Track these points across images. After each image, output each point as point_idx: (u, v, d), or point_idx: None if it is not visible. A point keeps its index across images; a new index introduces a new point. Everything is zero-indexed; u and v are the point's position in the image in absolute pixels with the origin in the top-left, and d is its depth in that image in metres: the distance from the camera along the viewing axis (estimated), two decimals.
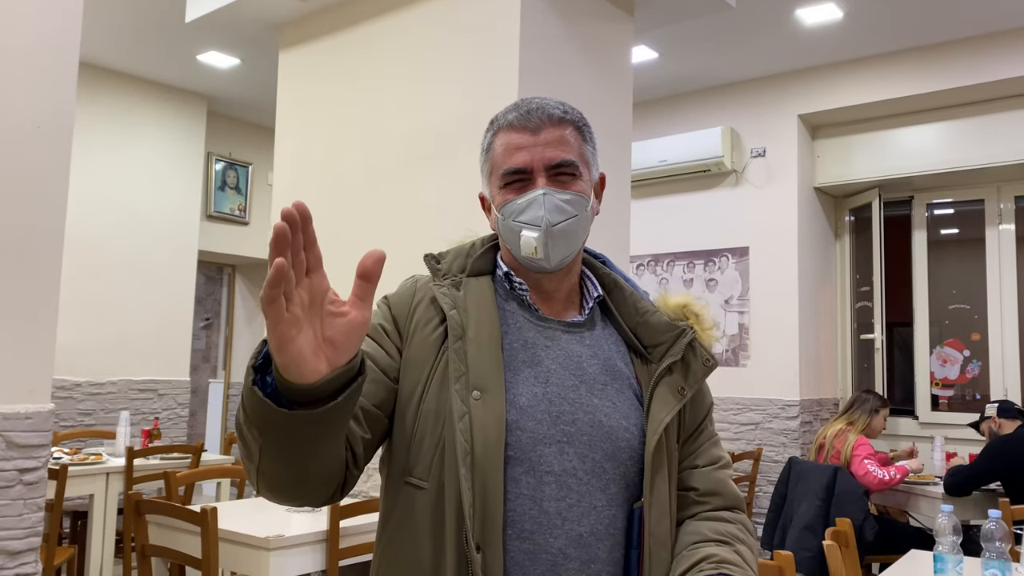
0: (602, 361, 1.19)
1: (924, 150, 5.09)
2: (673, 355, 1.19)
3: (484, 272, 1.24)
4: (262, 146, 6.63)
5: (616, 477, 1.13)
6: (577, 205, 1.17)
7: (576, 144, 1.19)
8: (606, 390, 1.16)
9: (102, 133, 5.51)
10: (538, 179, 1.16)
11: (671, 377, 1.19)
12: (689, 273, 5.57)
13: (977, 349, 5.26)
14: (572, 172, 1.18)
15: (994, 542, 2.08)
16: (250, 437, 0.95)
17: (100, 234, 5.45)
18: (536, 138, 1.17)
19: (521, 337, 1.17)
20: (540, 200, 1.15)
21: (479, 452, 1.06)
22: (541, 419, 1.11)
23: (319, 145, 4.00)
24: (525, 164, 1.16)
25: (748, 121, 5.40)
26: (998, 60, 4.58)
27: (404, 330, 1.18)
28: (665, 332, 1.21)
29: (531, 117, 1.18)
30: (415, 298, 1.21)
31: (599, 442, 1.12)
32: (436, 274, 1.22)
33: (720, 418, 5.32)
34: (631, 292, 1.26)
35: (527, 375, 1.13)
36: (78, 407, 5.26)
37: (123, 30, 4.91)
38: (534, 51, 3.30)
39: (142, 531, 2.63)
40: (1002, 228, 5.19)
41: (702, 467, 1.22)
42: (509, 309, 1.20)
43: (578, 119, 1.21)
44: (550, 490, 1.08)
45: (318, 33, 4.07)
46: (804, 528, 3.98)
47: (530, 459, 1.09)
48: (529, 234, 1.15)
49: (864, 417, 4.35)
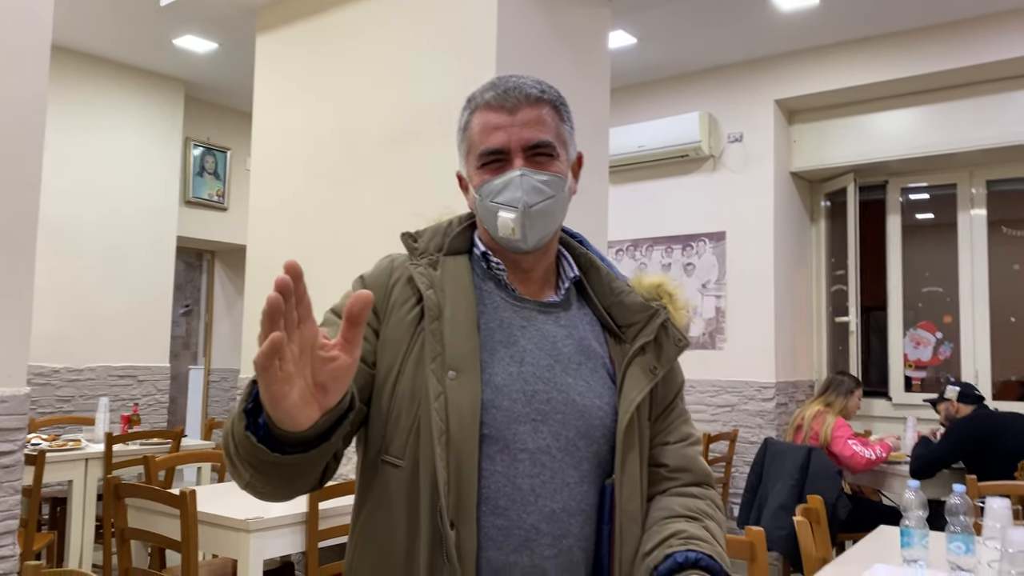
0: (576, 341, 1.20)
1: (899, 135, 5.15)
2: (646, 335, 1.21)
3: (461, 251, 1.24)
4: (241, 131, 6.59)
5: (589, 455, 1.15)
6: (554, 186, 1.18)
7: (553, 124, 1.20)
8: (580, 370, 1.18)
9: (77, 118, 5.46)
10: (515, 159, 1.16)
11: (643, 357, 1.20)
12: (667, 258, 5.61)
13: (949, 331, 5.34)
14: (549, 152, 1.18)
15: (958, 516, 2.13)
16: (240, 468, 0.99)
17: (78, 220, 5.41)
18: (513, 118, 1.17)
19: (497, 317, 1.18)
20: (517, 181, 1.15)
21: (454, 431, 1.08)
22: (516, 398, 1.12)
23: (297, 129, 3.99)
24: (502, 144, 1.16)
25: (725, 106, 5.43)
26: (972, 46, 4.63)
27: (381, 310, 1.18)
28: (639, 312, 1.23)
29: (508, 96, 1.17)
30: (392, 278, 1.21)
31: (572, 420, 1.14)
32: (413, 253, 1.22)
33: (697, 400, 5.38)
34: (606, 272, 1.27)
35: (503, 355, 1.15)
36: (57, 394, 5.24)
37: (97, 14, 4.86)
38: (511, 35, 3.31)
39: (121, 515, 2.64)
40: (974, 213, 5.26)
41: (672, 444, 1.23)
42: (486, 289, 1.21)
43: (555, 98, 1.21)
44: (524, 467, 1.10)
45: (295, 17, 4.06)
46: (779, 508, 4.04)
47: (505, 437, 1.11)
48: (506, 215, 1.15)
49: (840, 399, 4.42)
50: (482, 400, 1.11)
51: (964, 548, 2.10)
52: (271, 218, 4.07)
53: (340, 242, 3.71)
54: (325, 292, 1.25)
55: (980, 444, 3.86)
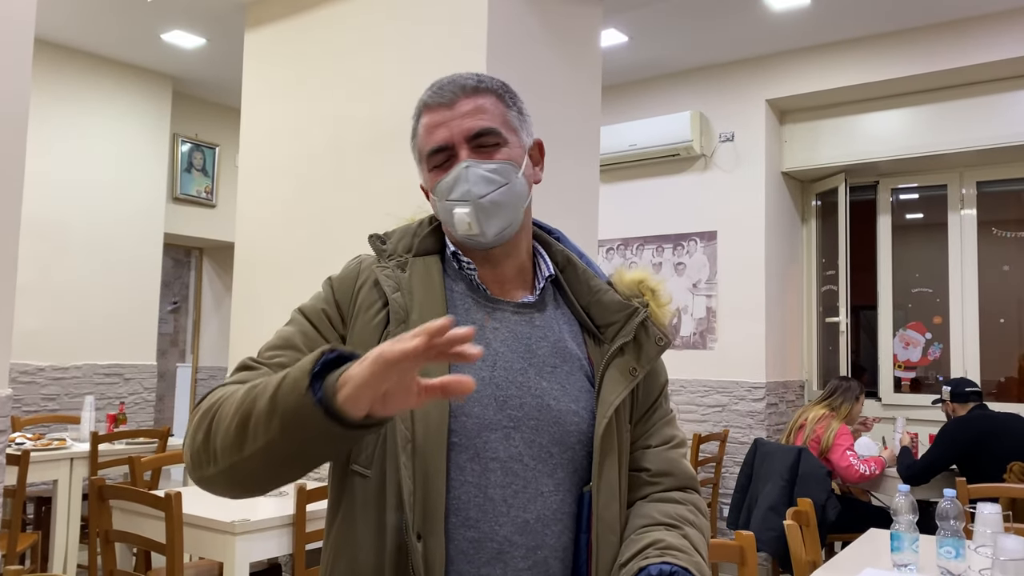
0: (552, 343, 1.16)
1: (889, 136, 5.15)
2: (624, 335, 1.17)
3: (432, 251, 1.21)
4: (229, 127, 6.54)
5: (564, 462, 1.11)
6: (504, 173, 1.13)
7: (497, 111, 1.16)
8: (556, 373, 1.14)
9: (63, 113, 5.41)
10: (460, 152, 1.13)
11: (623, 358, 1.16)
12: (658, 257, 5.60)
13: (939, 332, 5.35)
14: (495, 141, 1.14)
15: (948, 520, 2.13)
16: (255, 431, 0.92)
17: (64, 217, 5.36)
18: (452, 111, 1.14)
19: (468, 319, 1.15)
20: (464, 174, 1.11)
21: (420, 440, 1.05)
22: (487, 404, 1.09)
23: (286, 126, 3.96)
24: (445, 140, 1.13)
25: (717, 106, 5.42)
26: (962, 47, 4.63)
27: (347, 313, 1.16)
28: (617, 311, 1.19)
29: (443, 92, 1.15)
30: (358, 280, 1.18)
31: (547, 427, 1.11)
32: (381, 255, 1.19)
33: (687, 400, 5.37)
34: (584, 269, 1.23)
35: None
36: (41, 392, 5.19)
37: (84, 7, 4.81)
38: (502, 33, 3.29)
39: (106, 516, 2.61)
40: (964, 213, 5.27)
41: (654, 447, 1.20)
42: (457, 290, 1.18)
43: (497, 87, 1.18)
44: (495, 476, 1.07)
45: (284, 13, 4.02)
46: (769, 508, 4.04)
47: (475, 445, 1.07)
48: (460, 211, 1.11)
49: (847, 405, 4.42)
50: (451, 407, 1.07)
51: (954, 553, 2.10)
52: (259, 215, 4.03)
53: (328, 239, 3.68)
54: (314, 289, 1.23)
55: (973, 446, 3.85)
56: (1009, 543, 1.64)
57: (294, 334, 1.14)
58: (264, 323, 3.91)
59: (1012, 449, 3.74)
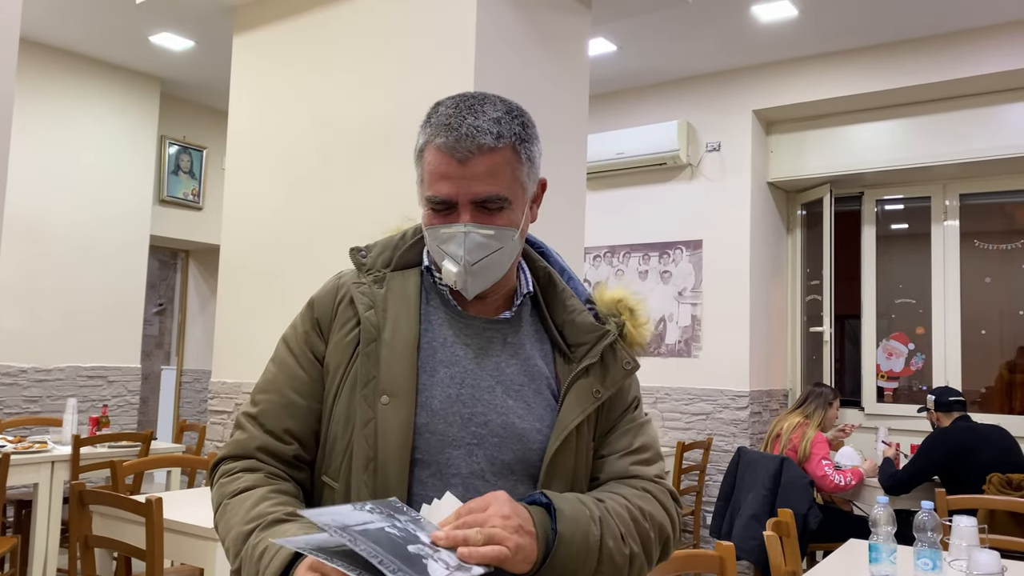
0: (522, 361, 1.17)
1: (874, 147, 5.20)
2: (590, 357, 1.17)
3: (412, 264, 1.22)
4: (217, 130, 6.52)
5: (524, 478, 1.13)
6: (501, 238, 1.13)
7: (508, 171, 1.12)
8: (523, 391, 1.15)
9: (50, 114, 5.38)
10: (463, 213, 1.11)
11: (586, 380, 1.17)
12: (644, 265, 5.62)
13: (921, 343, 5.40)
14: (499, 206, 1.12)
15: (926, 532, 2.15)
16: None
17: (48, 218, 5.33)
18: (464, 169, 1.09)
19: (440, 335, 1.17)
20: (461, 238, 1.11)
21: (381, 457, 1.08)
22: (452, 421, 1.11)
23: (273, 130, 3.95)
24: (449, 196, 1.11)
25: (704, 115, 5.45)
26: (948, 61, 4.68)
27: (326, 332, 1.19)
28: (588, 332, 1.19)
29: (459, 147, 1.09)
30: (337, 297, 1.21)
31: (510, 444, 1.12)
32: (360, 269, 1.21)
33: (672, 408, 5.39)
34: (563, 288, 1.23)
35: (443, 376, 1.13)
36: (24, 394, 5.15)
37: (72, 8, 4.79)
38: (490, 40, 3.30)
39: (86, 522, 2.60)
40: (947, 225, 5.32)
41: (608, 457, 1.19)
42: (432, 304, 1.20)
43: (515, 137, 1.12)
44: (456, 493, 1.07)
45: (273, 17, 4.02)
46: (751, 517, 4.06)
47: (437, 462, 1.10)
48: (450, 267, 1.13)
49: (820, 411, 4.44)
50: (416, 424, 1.10)
51: (931, 564, 2.12)
52: (246, 218, 4.03)
53: (315, 243, 3.68)
54: (299, 294, 1.24)
55: (954, 457, 3.88)
56: (983, 557, 1.65)
57: (277, 376, 1.20)
58: (249, 326, 3.89)
59: (992, 461, 3.77)
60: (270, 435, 1.17)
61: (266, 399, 1.19)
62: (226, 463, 1.19)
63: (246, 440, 1.18)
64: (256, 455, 1.17)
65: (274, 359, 1.23)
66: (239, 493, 1.12)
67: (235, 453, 1.18)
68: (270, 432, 1.17)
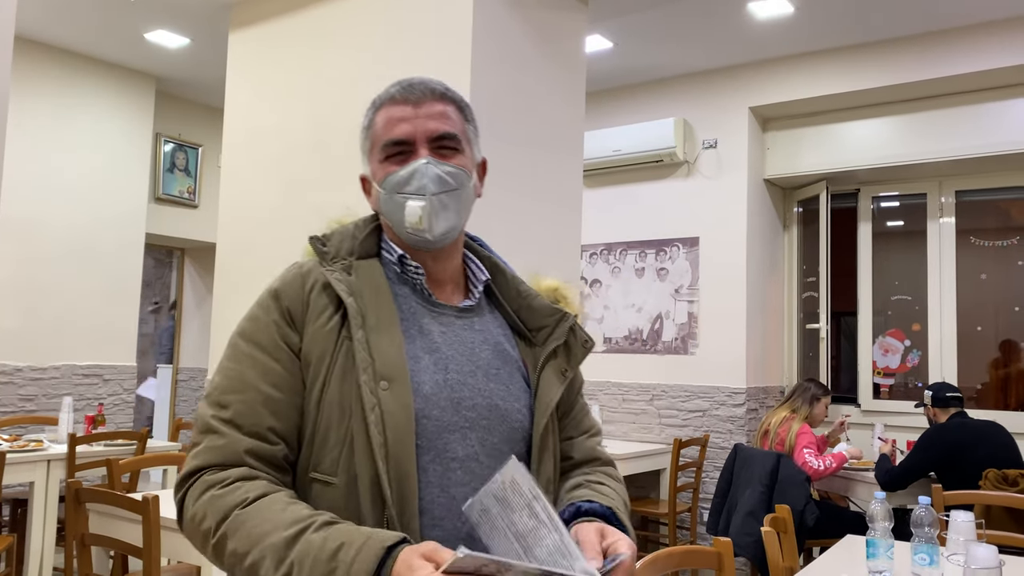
0: (492, 345, 1.22)
1: (870, 145, 5.20)
2: (557, 339, 1.24)
3: (371, 254, 1.23)
4: (213, 127, 6.50)
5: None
6: (459, 179, 1.18)
7: (458, 120, 1.21)
8: (499, 374, 1.19)
9: (45, 112, 5.36)
10: (420, 150, 1.17)
11: (556, 360, 1.24)
12: (641, 262, 5.62)
13: (917, 339, 5.40)
14: (454, 146, 1.19)
15: (923, 528, 2.15)
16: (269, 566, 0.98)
17: (43, 216, 5.31)
18: (418, 110, 1.18)
19: (417, 323, 1.17)
20: (423, 169, 1.15)
21: (392, 444, 1.06)
22: (445, 407, 1.12)
23: (269, 127, 3.95)
24: (407, 135, 1.17)
25: (700, 113, 5.45)
26: (943, 58, 4.69)
27: (299, 323, 1.14)
28: (548, 316, 1.26)
29: (413, 90, 1.19)
30: (306, 286, 1.16)
31: (496, 426, 1.16)
32: (324, 257, 1.19)
33: (669, 404, 5.40)
34: (512, 276, 1.29)
35: (427, 362, 1.14)
36: (19, 392, 5.14)
37: (66, 5, 4.77)
38: (487, 37, 3.30)
39: (82, 520, 2.59)
40: (943, 221, 5.33)
41: (577, 438, 1.30)
42: (401, 294, 1.20)
43: (459, 99, 1.23)
44: (456, 476, 1.11)
45: (269, 14, 4.01)
46: (748, 514, 4.06)
47: (436, 447, 1.11)
48: (414, 203, 1.15)
49: (806, 406, 4.46)
50: (415, 410, 1.10)
51: (928, 560, 2.12)
52: (242, 216, 4.02)
53: None
54: None
55: (951, 453, 3.88)
56: (981, 552, 1.66)
57: (247, 373, 1.11)
58: None
59: (989, 456, 3.78)
60: (254, 437, 1.08)
61: (239, 399, 1.10)
62: (209, 472, 1.07)
63: (228, 445, 1.07)
64: (247, 461, 1.07)
65: (233, 356, 1.14)
66: (250, 503, 1.02)
67: (218, 461, 1.07)
68: (253, 434, 1.08)
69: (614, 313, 5.70)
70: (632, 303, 5.63)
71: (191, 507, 1.06)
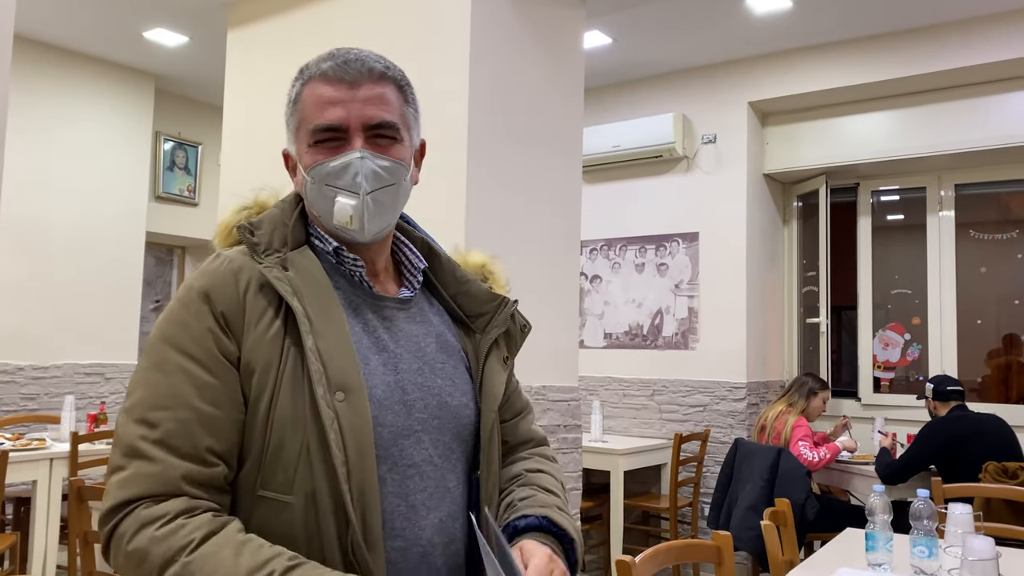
0: (435, 337, 1.15)
1: (870, 139, 5.20)
2: (498, 327, 1.18)
3: (301, 243, 1.11)
4: (213, 126, 6.50)
5: (461, 455, 1.13)
6: (396, 173, 1.08)
7: (398, 104, 1.10)
8: (444, 368, 1.14)
9: (45, 111, 5.36)
10: (355, 139, 1.05)
11: (498, 349, 1.19)
12: (641, 258, 5.63)
13: (917, 333, 5.41)
14: (392, 135, 1.08)
15: (922, 520, 2.16)
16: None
17: (44, 215, 5.32)
18: (354, 92, 1.05)
19: (360, 320, 1.09)
20: (357, 164, 1.04)
21: (353, 458, 0.99)
22: (398, 411, 1.06)
23: (268, 125, 3.95)
24: (340, 121, 1.05)
25: (699, 108, 5.45)
26: (942, 51, 4.68)
27: (237, 330, 1.01)
28: (487, 302, 1.19)
29: (349, 68, 1.06)
30: (240, 286, 1.03)
31: (447, 424, 1.11)
32: (255, 249, 1.06)
33: (669, 400, 5.41)
34: (447, 259, 1.22)
35: (376, 363, 1.06)
36: (21, 391, 5.15)
37: (65, 5, 4.77)
38: (485, 33, 3.30)
39: (85, 518, 2.60)
40: (942, 215, 5.33)
41: (511, 420, 1.26)
42: (340, 287, 1.10)
43: (400, 77, 1.12)
44: (414, 483, 1.05)
45: (267, 11, 4.01)
46: (748, 508, 4.07)
47: (392, 455, 1.04)
48: (345, 200, 1.04)
49: (802, 400, 4.47)
50: (372, 419, 1.03)
51: (927, 552, 2.13)
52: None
53: None
54: None
55: (951, 446, 3.89)
56: (977, 543, 1.66)
57: (177, 387, 0.98)
58: None
59: (988, 449, 3.79)
60: (191, 460, 0.96)
61: (170, 416, 0.96)
62: (144, 506, 0.94)
63: (160, 472, 0.95)
64: (184, 489, 0.95)
65: (159, 366, 0.99)
66: (197, 546, 0.91)
67: (151, 492, 0.95)
68: (189, 456, 0.96)
69: (614, 309, 5.71)
70: (632, 298, 5.64)
71: (124, 546, 0.94)
